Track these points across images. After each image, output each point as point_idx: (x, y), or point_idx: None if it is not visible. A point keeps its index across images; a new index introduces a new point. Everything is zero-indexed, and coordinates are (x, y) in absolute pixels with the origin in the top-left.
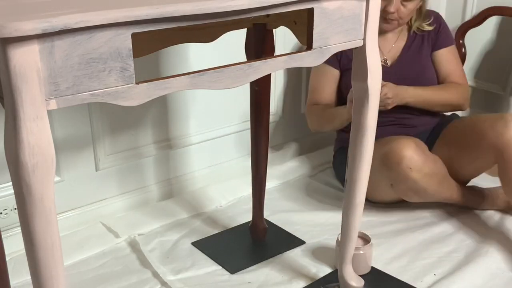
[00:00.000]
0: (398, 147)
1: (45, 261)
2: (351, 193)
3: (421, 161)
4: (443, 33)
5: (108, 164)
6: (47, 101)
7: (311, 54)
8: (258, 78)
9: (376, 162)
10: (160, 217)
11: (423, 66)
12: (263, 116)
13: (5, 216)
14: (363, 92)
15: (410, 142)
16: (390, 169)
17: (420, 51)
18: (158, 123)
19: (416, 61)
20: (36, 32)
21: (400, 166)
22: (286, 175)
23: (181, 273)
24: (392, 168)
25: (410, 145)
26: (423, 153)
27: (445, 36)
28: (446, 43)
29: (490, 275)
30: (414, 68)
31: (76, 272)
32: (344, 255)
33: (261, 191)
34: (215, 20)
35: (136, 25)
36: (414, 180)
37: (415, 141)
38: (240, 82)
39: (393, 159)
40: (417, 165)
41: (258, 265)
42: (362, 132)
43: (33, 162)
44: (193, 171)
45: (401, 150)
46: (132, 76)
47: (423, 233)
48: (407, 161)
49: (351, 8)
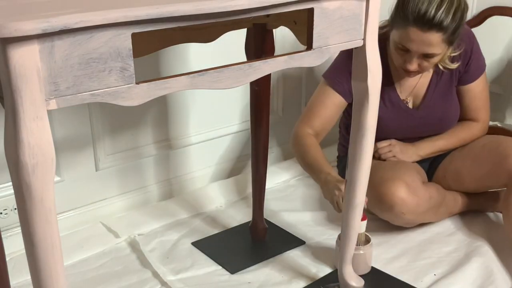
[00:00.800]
0: (390, 191)
1: (45, 261)
2: (351, 194)
3: (414, 204)
4: (473, 64)
5: (108, 164)
6: (47, 101)
7: (311, 54)
8: (258, 78)
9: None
10: (160, 217)
11: (449, 108)
12: (263, 116)
13: (5, 216)
14: (363, 92)
15: (400, 185)
16: (383, 211)
17: (447, 90)
18: (158, 123)
19: (442, 103)
20: (36, 32)
21: (393, 211)
22: (286, 175)
23: (181, 273)
24: (385, 210)
25: (401, 188)
26: (415, 195)
27: (475, 68)
28: (476, 75)
29: (490, 275)
30: (440, 111)
31: (76, 272)
32: (344, 255)
33: (261, 191)
34: (215, 20)
35: (136, 25)
36: (409, 220)
37: (406, 180)
38: (240, 82)
39: (385, 204)
40: (409, 208)
41: (258, 265)
42: (362, 132)
43: (33, 162)
44: (193, 171)
45: (392, 196)
46: (132, 76)
47: (423, 233)
48: (399, 207)
49: (351, 8)
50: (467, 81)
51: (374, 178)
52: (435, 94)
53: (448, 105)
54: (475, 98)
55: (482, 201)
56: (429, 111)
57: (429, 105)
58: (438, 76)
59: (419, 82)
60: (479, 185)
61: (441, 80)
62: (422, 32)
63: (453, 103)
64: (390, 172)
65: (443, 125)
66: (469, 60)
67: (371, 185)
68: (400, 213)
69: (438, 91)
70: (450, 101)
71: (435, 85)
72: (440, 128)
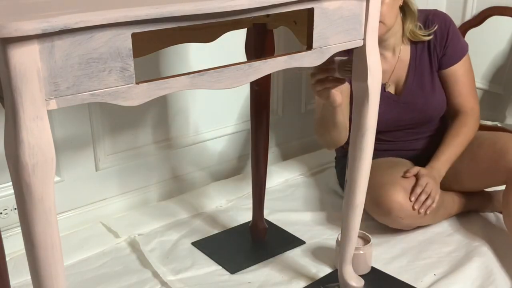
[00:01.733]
0: (387, 195)
1: (45, 261)
2: (351, 194)
3: (411, 209)
4: (451, 46)
5: (108, 164)
6: (47, 101)
7: (311, 54)
8: (258, 78)
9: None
10: (160, 217)
11: (432, 94)
12: (263, 116)
13: (5, 216)
14: (363, 92)
15: (398, 190)
16: (380, 215)
17: (428, 76)
18: (158, 123)
19: (425, 88)
20: (36, 32)
21: (390, 215)
22: (286, 175)
23: (181, 273)
24: (383, 215)
25: (399, 193)
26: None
27: (453, 49)
28: (456, 58)
29: (490, 275)
30: (423, 97)
31: (76, 272)
32: (344, 255)
33: (261, 191)
34: (215, 20)
35: (136, 25)
36: (406, 224)
37: (404, 186)
38: (240, 82)
39: (382, 208)
40: (407, 213)
41: (258, 265)
42: (362, 132)
43: (33, 162)
44: (193, 171)
45: (390, 200)
46: (132, 76)
47: (423, 233)
48: (397, 211)
49: (351, 8)
50: (447, 64)
51: (372, 182)
52: (416, 79)
53: (431, 91)
54: (457, 82)
55: (481, 201)
56: (412, 98)
57: (412, 91)
58: (416, 61)
59: (397, 65)
60: (478, 183)
61: (420, 64)
62: None
63: (436, 89)
64: (387, 177)
65: (429, 113)
66: (446, 42)
67: (369, 189)
68: (398, 217)
69: (418, 76)
70: (433, 87)
71: (414, 69)
72: (425, 116)
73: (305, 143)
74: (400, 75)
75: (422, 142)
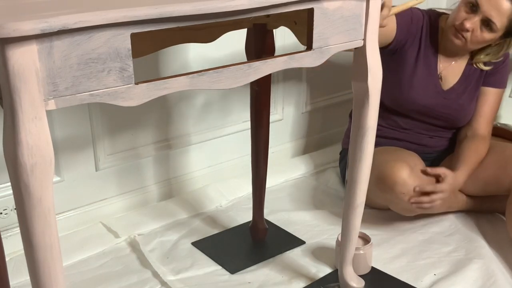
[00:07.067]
0: (392, 171)
1: (44, 262)
2: (352, 194)
3: (415, 186)
4: (500, 72)
5: (108, 164)
6: (45, 101)
7: (311, 54)
8: (258, 78)
9: (371, 180)
10: (160, 217)
11: (470, 103)
12: (263, 116)
13: (5, 216)
14: (363, 92)
15: (403, 166)
16: (384, 191)
17: (473, 86)
18: (158, 123)
19: (467, 94)
20: (34, 32)
21: (394, 191)
22: (286, 175)
23: (181, 273)
24: (386, 191)
25: (404, 169)
26: (417, 177)
27: (500, 77)
28: (497, 84)
29: (490, 275)
30: (463, 101)
31: (76, 272)
32: (344, 255)
33: (261, 191)
34: (215, 20)
35: (135, 25)
36: (407, 204)
37: (409, 163)
38: (240, 82)
39: (386, 183)
40: (410, 190)
41: (258, 265)
42: (362, 132)
43: (31, 163)
44: (193, 171)
45: (394, 175)
46: (131, 77)
47: (423, 233)
48: (400, 187)
49: (351, 8)
50: (489, 83)
51: (377, 161)
52: (464, 83)
53: (470, 99)
54: (486, 104)
55: (482, 202)
56: (455, 96)
57: (457, 91)
58: (471, 69)
59: (456, 62)
60: (482, 188)
61: (473, 74)
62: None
63: (473, 100)
64: (393, 155)
65: (459, 117)
66: (499, 66)
67: (374, 167)
68: (401, 193)
69: (467, 82)
70: (473, 97)
71: (467, 75)
72: (455, 119)
73: (305, 143)
74: (453, 75)
75: (433, 141)
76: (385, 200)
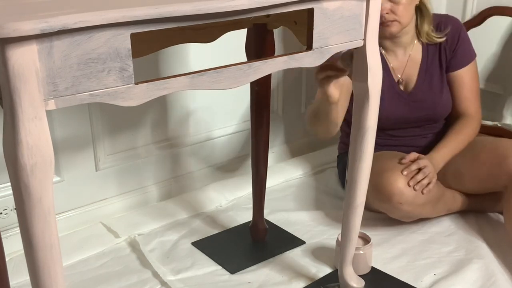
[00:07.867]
0: (388, 181)
1: (44, 262)
2: (352, 195)
3: (412, 195)
4: (460, 50)
5: (108, 164)
6: (45, 101)
7: (311, 54)
8: (258, 78)
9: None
10: (160, 217)
11: (440, 94)
12: (263, 116)
13: (5, 216)
14: (363, 92)
15: (400, 175)
16: (381, 201)
17: (437, 76)
18: (158, 123)
19: (434, 88)
20: (34, 33)
21: (391, 201)
22: (286, 175)
23: (181, 273)
24: (383, 201)
25: (400, 179)
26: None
27: (462, 54)
28: (464, 62)
29: (490, 275)
30: (432, 97)
31: (76, 272)
32: (344, 256)
33: (261, 191)
34: (215, 20)
35: (135, 25)
36: (406, 211)
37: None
38: (240, 82)
39: (383, 193)
40: (407, 200)
41: (258, 265)
42: (362, 133)
43: (31, 163)
44: (193, 171)
45: (391, 186)
46: (131, 77)
47: (423, 233)
48: (397, 197)
49: (351, 8)
50: (455, 67)
51: (374, 168)
52: (426, 79)
53: (439, 91)
54: (463, 87)
55: (481, 201)
56: (421, 96)
57: (422, 90)
58: (427, 62)
59: (408, 64)
60: (479, 185)
61: (431, 65)
62: None
63: (444, 90)
64: (389, 164)
65: (436, 112)
66: (456, 45)
67: (370, 175)
68: (398, 203)
69: (428, 76)
70: (441, 88)
71: (425, 70)
72: (432, 115)
73: (305, 143)
74: (411, 74)
75: (426, 140)
76: (382, 209)
